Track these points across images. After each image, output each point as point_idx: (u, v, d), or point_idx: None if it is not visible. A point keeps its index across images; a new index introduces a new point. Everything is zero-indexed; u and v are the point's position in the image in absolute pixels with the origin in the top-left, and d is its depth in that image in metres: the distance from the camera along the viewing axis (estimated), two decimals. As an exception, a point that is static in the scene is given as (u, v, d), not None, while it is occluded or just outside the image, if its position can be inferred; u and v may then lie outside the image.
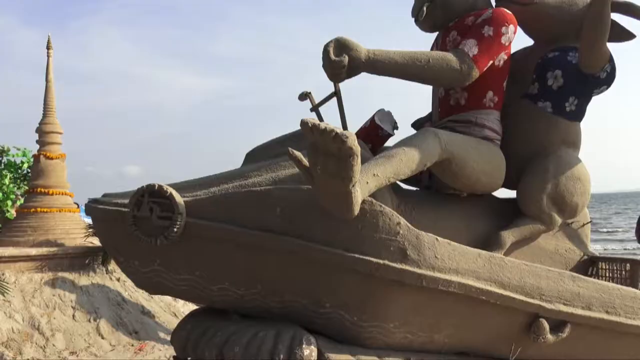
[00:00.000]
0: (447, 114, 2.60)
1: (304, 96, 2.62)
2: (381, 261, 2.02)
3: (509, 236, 2.53)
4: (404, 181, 2.62)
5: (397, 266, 2.03)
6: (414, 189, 2.79)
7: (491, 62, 2.41)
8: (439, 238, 2.13)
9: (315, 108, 2.60)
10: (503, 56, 2.50)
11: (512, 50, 2.61)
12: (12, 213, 11.13)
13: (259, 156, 2.52)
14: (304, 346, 2.04)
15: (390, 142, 2.67)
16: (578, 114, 2.68)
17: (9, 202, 11.89)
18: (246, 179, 2.29)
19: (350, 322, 2.13)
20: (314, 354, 2.05)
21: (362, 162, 1.89)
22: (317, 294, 2.12)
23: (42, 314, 5.75)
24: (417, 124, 2.99)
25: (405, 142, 2.16)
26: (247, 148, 2.61)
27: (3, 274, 6.01)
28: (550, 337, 2.31)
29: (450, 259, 2.12)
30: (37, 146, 7.54)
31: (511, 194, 2.76)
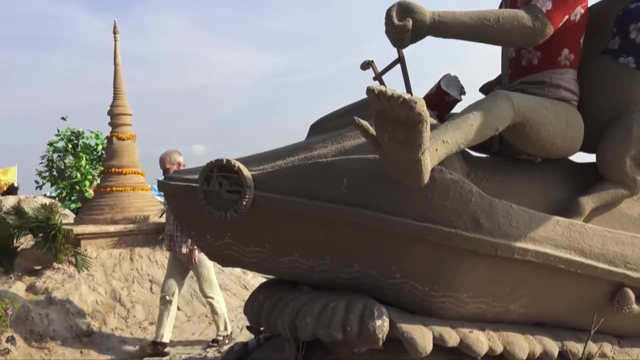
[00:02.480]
0: (518, 75, 2.46)
1: (367, 65, 2.55)
2: (453, 230, 1.97)
3: (588, 202, 2.38)
4: (472, 148, 2.52)
5: (469, 235, 1.97)
6: (484, 155, 2.69)
7: (567, 17, 2.25)
8: (513, 205, 2.04)
9: (378, 77, 2.54)
10: (580, 10, 2.33)
11: (590, 3, 2.43)
12: (90, 193, 11.83)
13: (323, 128, 2.50)
14: (375, 317, 2.03)
15: (457, 108, 2.57)
16: (665, 69, 2.47)
17: (87, 183, 12.65)
18: (311, 150, 2.28)
19: (421, 292, 2.09)
20: (386, 324, 2.04)
21: (431, 129, 1.83)
22: (387, 265, 2.10)
23: (122, 287, 6.09)
24: (486, 88, 2.85)
25: (475, 107, 2.07)
26: (309, 121, 2.60)
27: (85, 250, 6.40)
28: (636, 307, 2.20)
29: (526, 226, 2.04)
30: (110, 128, 7.84)
31: (588, 157, 2.61)
